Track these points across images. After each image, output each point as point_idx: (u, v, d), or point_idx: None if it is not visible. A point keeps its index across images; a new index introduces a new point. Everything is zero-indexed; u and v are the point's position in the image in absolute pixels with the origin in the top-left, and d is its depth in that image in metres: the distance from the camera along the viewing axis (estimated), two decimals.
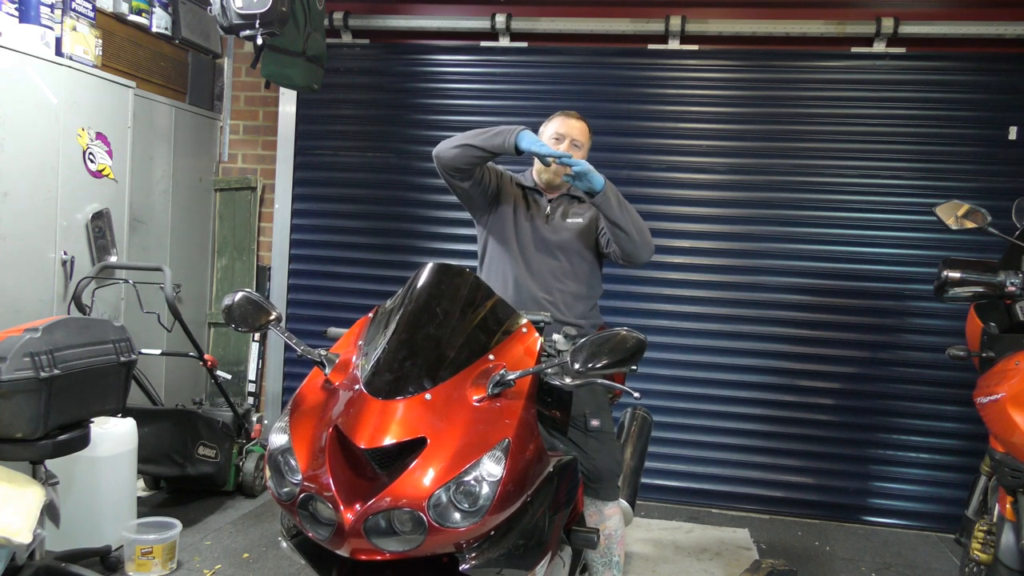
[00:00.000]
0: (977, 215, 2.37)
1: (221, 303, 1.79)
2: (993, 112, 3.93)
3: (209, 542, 3.28)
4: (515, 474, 1.45)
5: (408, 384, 1.50)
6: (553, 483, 1.66)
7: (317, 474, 1.42)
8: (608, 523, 2.28)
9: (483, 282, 1.82)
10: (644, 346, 1.52)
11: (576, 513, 2.09)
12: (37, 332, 2.28)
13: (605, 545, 2.26)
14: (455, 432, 1.45)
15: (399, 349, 1.57)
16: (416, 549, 1.39)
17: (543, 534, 1.60)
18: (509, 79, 4.36)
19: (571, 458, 1.81)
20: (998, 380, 2.12)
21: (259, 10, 3.25)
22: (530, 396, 1.60)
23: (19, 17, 3.23)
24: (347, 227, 4.56)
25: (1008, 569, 2.06)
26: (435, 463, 1.40)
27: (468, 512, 1.39)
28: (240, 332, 1.79)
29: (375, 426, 1.43)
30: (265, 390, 4.67)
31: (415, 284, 1.72)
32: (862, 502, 4.02)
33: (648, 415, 3.06)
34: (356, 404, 1.49)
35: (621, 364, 1.51)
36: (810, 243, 4.08)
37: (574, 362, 1.51)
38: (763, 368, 4.11)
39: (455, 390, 1.52)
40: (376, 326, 1.70)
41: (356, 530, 1.37)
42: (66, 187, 3.37)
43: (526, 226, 2.44)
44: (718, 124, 4.18)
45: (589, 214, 2.45)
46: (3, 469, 2.25)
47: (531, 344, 1.73)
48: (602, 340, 1.51)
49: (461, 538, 1.41)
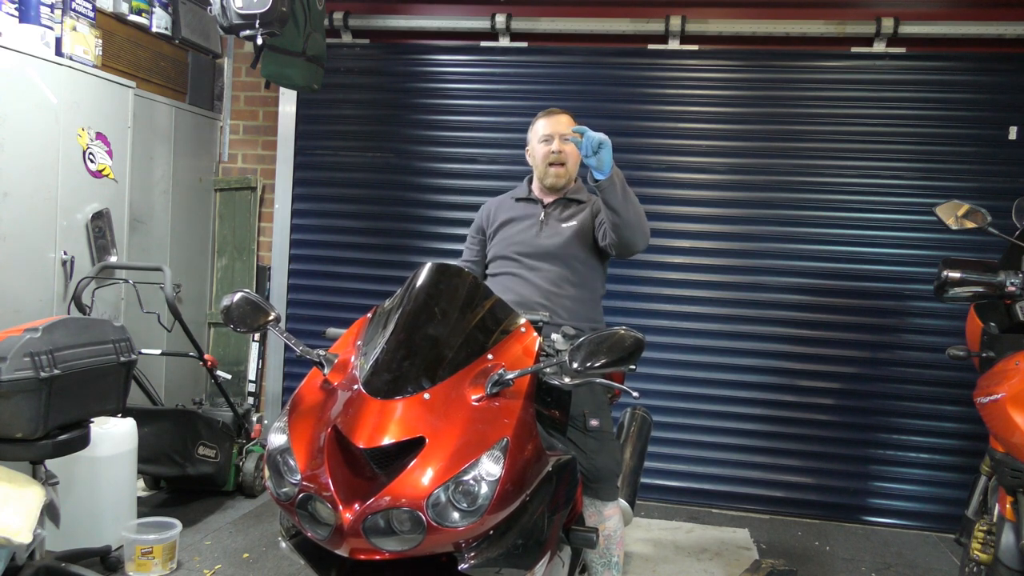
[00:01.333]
0: (977, 215, 2.37)
1: (220, 304, 1.78)
2: (993, 112, 3.93)
3: (209, 542, 3.28)
4: (514, 473, 1.45)
5: (407, 384, 1.50)
6: (552, 482, 1.65)
7: (316, 474, 1.42)
8: (607, 523, 2.28)
9: (482, 282, 1.82)
10: (642, 345, 1.52)
11: (575, 513, 2.09)
12: (37, 332, 2.28)
13: (604, 545, 2.25)
14: (454, 431, 1.45)
15: (398, 349, 1.57)
16: (415, 549, 1.39)
17: (542, 533, 1.60)
18: (509, 79, 4.36)
19: (570, 457, 1.81)
20: (998, 380, 2.11)
21: (259, 10, 3.25)
22: (528, 395, 1.60)
23: (19, 17, 3.23)
24: (347, 227, 4.56)
25: (1008, 569, 2.06)
26: (434, 462, 1.40)
27: (467, 511, 1.39)
28: (239, 333, 1.78)
29: (374, 426, 1.43)
30: (265, 390, 4.67)
31: (414, 284, 1.72)
32: (862, 502, 4.02)
33: (647, 415, 3.06)
34: (355, 404, 1.49)
35: (619, 363, 1.51)
36: (810, 243, 4.08)
37: (572, 361, 1.51)
38: (763, 368, 4.11)
39: (454, 390, 1.52)
40: (375, 326, 1.70)
41: (355, 530, 1.37)
42: (66, 187, 3.37)
43: (521, 237, 2.45)
44: (718, 124, 4.18)
45: (583, 214, 2.45)
46: (3, 469, 2.25)
47: (529, 343, 1.73)
48: (600, 339, 1.52)
49: (460, 537, 1.41)
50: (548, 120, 2.47)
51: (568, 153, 2.45)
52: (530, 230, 2.46)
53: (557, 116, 2.48)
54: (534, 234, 2.45)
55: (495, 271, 2.51)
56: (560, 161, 2.44)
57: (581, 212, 2.46)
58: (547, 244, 2.42)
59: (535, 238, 2.44)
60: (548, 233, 2.44)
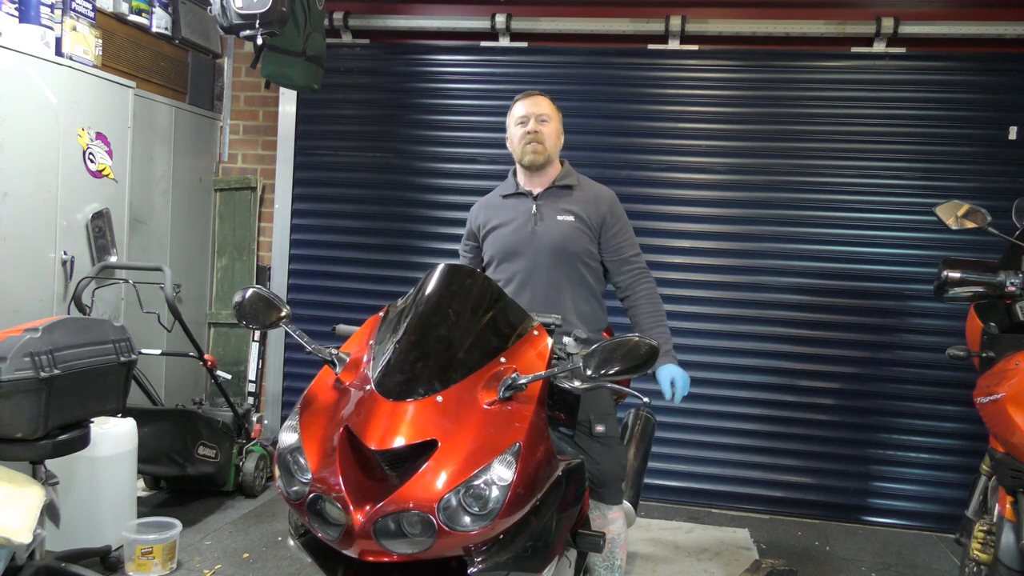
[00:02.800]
0: (977, 215, 2.37)
1: (231, 300, 1.77)
2: (993, 112, 3.93)
3: (209, 542, 3.28)
4: (525, 478, 1.44)
5: (419, 386, 1.50)
6: (561, 486, 1.65)
7: (327, 474, 1.42)
8: (612, 527, 2.28)
9: (494, 283, 1.81)
10: (657, 353, 1.53)
11: (582, 515, 2.09)
12: (37, 332, 2.28)
13: (608, 549, 2.25)
14: (466, 435, 1.44)
15: (410, 350, 1.56)
16: (425, 552, 1.39)
17: (551, 537, 1.59)
18: (509, 79, 4.36)
19: (579, 461, 1.80)
20: (998, 380, 2.11)
21: (259, 10, 3.25)
22: (541, 400, 1.59)
23: (19, 17, 3.23)
24: (347, 227, 4.56)
25: (1008, 569, 2.06)
26: (446, 466, 1.39)
27: (478, 516, 1.38)
28: (251, 329, 1.77)
29: (386, 428, 1.43)
30: (265, 390, 4.67)
31: (426, 285, 1.71)
32: (862, 502, 4.02)
33: (652, 416, 3.06)
34: (367, 405, 1.48)
35: (634, 371, 1.52)
36: (810, 243, 4.08)
37: (587, 368, 1.52)
38: (763, 368, 4.11)
39: (466, 393, 1.52)
40: (387, 326, 1.69)
41: (365, 531, 1.37)
42: (66, 187, 3.37)
43: (516, 238, 2.39)
44: (718, 124, 4.18)
45: (578, 208, 2.39)
46: (3, 469, 2.25)
47: (543, 348, 1.72)
48: (614, 346, 1.52)
49: (470, 541, 1.41)
50: (524, 102, 2.43)
51: (545, 133, 2.39)
52: (524, 227, 2.39)
53: (533, 98, 2.43)
54: (529, 232, 2.38)
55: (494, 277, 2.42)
56: (537, 140, 2.38)
57: (578, 205, 2.40)
58: (544, 242, 2.36)
59: (531, 237, 2.37)
60: (544, 229, 2.37)
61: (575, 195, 2.43)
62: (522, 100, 2.45)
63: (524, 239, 2.39)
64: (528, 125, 2.39)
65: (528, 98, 2.44)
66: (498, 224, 2.45)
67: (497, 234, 2.45)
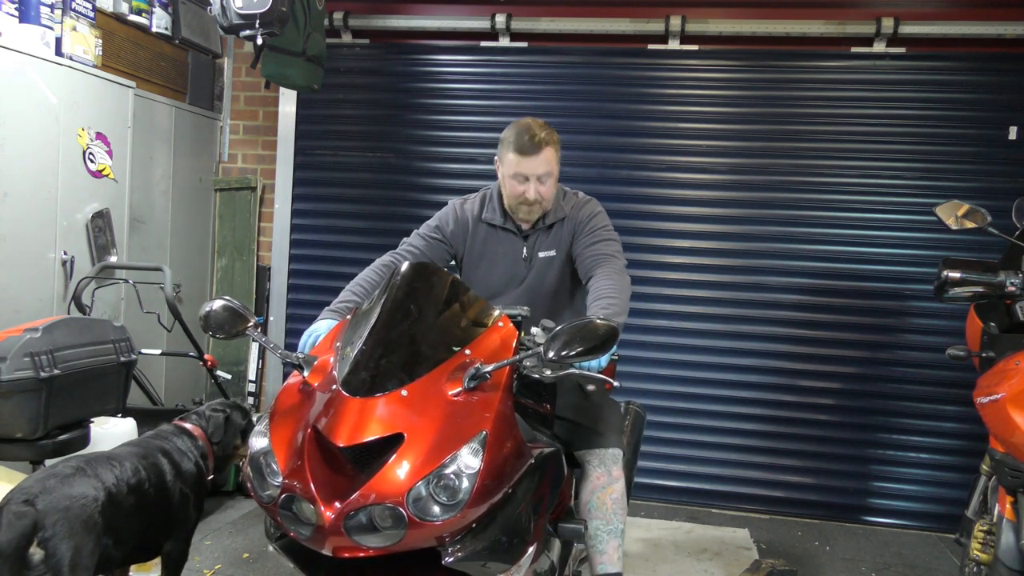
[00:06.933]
0: (977, 215, 2.37)
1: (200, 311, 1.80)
2: (993, 112, 3.93)
3: (209, 542, 3.28)
4: (494, 466, 1.45)
5: (385, 381, 1.51)
6: (536, 475, 1.66)
7: (296, 474, 1.43)
8: (615, 486, 2.19)
9: (459, 279, 1.82)
10: (616, 333, 1.53)
11: (564, 506, 2.08)
12: (37, 332, 2.28)
13: (612, 510, 2.17)
14: (432, 427, 1.45)
15: (375, 347, 1.57)
16: (397, 544, 1.39)
17: (526, 527, 1.60)
18: (509, 79, 4.36)
19: (554, 449, 1.80)
20: (998, 380, 2.11)
21: (259, 10, 3.25)
22: (507, 388, 1.60)
23: (19, 17, 3.23)
24: (347, 227, 4.55)
25: (1008, 569, 2.05)
26: (412, 458, 1.40)
27: (447, 505, 1.39)
28: (217, 339, 1.80)
29: (352, 424, 1.43)
30: (265, 390, 4.67)
31: (392, 284, 1.72)
32: (862, 502, 4.02)
33: (642, 410, 3.03)
34: (334, 404, 1.49)
35: (595, 351, 1.52)
36: (810, 243, 4.08)
37: (548, 350, 1.52)
38: (763, 368, 4.11)
39: (432, 385, 1.52)
40: (353, 327, 1.70)
41: (336, 528, 1.37)
42: (66, 187, 3.37)
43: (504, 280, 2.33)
44: (718, 124, 4.18)
45: (561, 243, 2.30)
46: (3, 469, 2.26)
47: (507, 337, 1.73)
48: (575, 328, 1.53)
49: (441, 531, 1.41)
50: (525, 159, 2.16)
51: (546, 194, 2.22)
52: (514, 270, 2.32)
53: (535, 156, 2.16)
54: (521, 276, 2.32)
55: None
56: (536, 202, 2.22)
57: (559, 243, 2.30)
58: (535, 284, 2.30)
59: (521, 282, 2.31)
60: (535, 274, 2.31)
61: (555, 234, 2.32)
62: (522, 155, 2.16)
63: (514, 284, 2.34)
64: (529, 191, 2.19)
65: (529, 155, 2.16)
66: (483, 259, 2.35)
67: (483, 272, 2.36)
